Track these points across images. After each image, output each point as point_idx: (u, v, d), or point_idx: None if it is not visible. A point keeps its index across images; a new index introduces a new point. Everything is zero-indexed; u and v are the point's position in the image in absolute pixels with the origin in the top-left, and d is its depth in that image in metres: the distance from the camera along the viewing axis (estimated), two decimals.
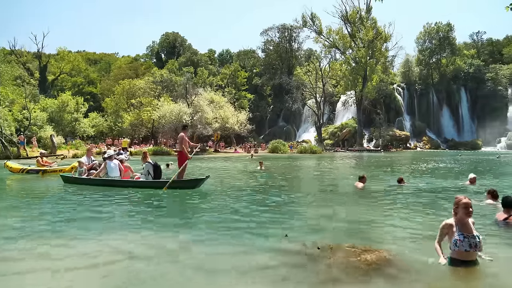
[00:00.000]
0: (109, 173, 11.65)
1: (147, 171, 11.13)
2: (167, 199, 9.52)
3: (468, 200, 4.27)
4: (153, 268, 4.30)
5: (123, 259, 4.62)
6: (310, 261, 4.54)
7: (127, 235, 5.76)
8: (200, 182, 11.12)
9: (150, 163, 11.23)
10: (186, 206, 8.66)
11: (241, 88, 70.57)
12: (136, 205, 8.64)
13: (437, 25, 76.04)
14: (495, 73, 74.60)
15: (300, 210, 8.10)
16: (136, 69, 73.81)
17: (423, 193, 10.46)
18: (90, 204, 8.57)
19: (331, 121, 74.47)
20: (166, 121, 40.77)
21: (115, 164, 11.81)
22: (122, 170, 11.92)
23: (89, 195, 9.67)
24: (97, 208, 8.04)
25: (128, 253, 4.83)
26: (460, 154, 41.69)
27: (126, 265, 4.42)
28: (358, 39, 60.07)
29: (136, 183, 11.23)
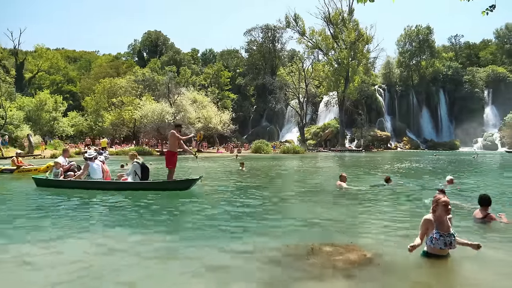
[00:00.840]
0: (92, 175, 10.76)
1: (134, 172, 10.52)
2: (153, 201, 8.99)
3: (447, 199, 4.42)
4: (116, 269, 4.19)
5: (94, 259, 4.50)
6: (292, 260, 4.52)
7: (108, 235, 5.61)
8: (193, 183, 10.73)
9: (138, 163, 10.66)
10: (173, 208, 8.49)
11: (224, 88, 70.35)
12: (118, 208, 8.34)
13: (417, 28, 77.67)
14: (472, 76, 76.77)
15: (281, 210, 8.08)
16: (117, 67, 72.62)
17: (402, 192, 10.62)
18: (69, 208, 8.29)
19: (314, 121, 75.06)
20: (148, 121, 40.19)
21: (98, 165, 10.99)
22: (105, 171, 11.19)
23: (67, 199, 9.06)
24: (75, 212, 7.81)
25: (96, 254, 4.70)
26: (435, 154, 42.77)
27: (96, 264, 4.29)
28: (341, 41, 60.74)
29: (124, 185, 10.42)
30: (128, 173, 10.80)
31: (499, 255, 4.80)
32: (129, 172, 10.77)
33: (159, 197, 9.40)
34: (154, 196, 9.47)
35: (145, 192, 9.92)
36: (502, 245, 5.24)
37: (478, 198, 6.65)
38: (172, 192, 10.04)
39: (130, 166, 10.93)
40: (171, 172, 10.91)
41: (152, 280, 4.00)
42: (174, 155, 10.94)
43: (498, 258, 4.69)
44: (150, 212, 7.69)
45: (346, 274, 4.06)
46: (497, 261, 4.57)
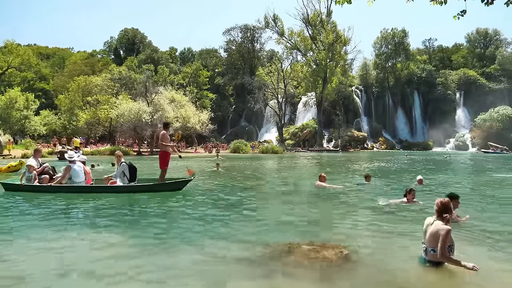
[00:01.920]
0: (74, 178, 9.92)
1: (122, 172, 10.12)
2: (145, 204, 8.65)
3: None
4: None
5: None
6: (270, 259, 4.53)
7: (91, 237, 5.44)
8: (185, 184, 10.59)
9: (126, 163, 10.29)
10: (161, 210, 8.31)
11: (203, 87, 69.85)
12: (115, 214, 8.03)
13: (393, 31, 79.56)
14: (444, 78, 79.32)
15: (260, 210, 8.08)
16: (92, 65, 70.91)
17: (378, 191, 10.82)
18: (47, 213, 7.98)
19: (292, 121, 75.64)
20: (124, 120, 39.38)
21: (80, 167, 10.17)
22: (87, 174, 10.44)
23: (48, 206, 8.34)
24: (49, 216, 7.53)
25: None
26: (406, 154, 43.95)
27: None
28: (319, 42, 61.42)
29: (115, 188, 9.90)
30: (116, 175, 10.29)
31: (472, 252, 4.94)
32: (117, 173, 10.28)
33: (150, 200, 9.09)
34: (146, 198, 9.22)
35: (136, 194, 9.61)
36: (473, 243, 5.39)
37: (446, 196, 6.82)
38: (164, 194, 9.80)
39: (117, 167, 10.43)
40: (163, 173, 10.74)
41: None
42: (167, 155, 10.82)
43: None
44: (144, 217, 7.51)
45: (323, 271, 4.12)
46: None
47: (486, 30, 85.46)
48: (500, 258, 4.65)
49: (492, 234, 5.86)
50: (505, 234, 5.94)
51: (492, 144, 60.37)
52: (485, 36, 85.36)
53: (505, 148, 59.97)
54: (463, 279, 3.93)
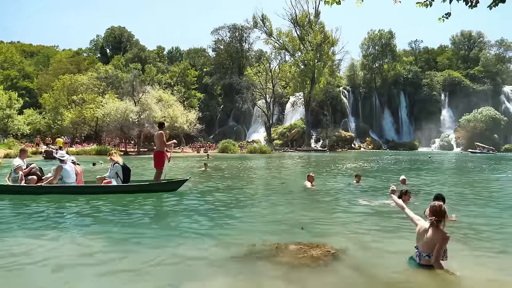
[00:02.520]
0: (66, 179, 9.61)
1: (115, 173, 9.95)
2: (139, 204, 8.51)
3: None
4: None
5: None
6: (257, 259, 4.54)
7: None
8: (181, 184, 10.48)
9: (119, 164, 10.11)
10: (143, 210, 8.22)
11: (191, 87, 69.46)
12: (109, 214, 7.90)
13: (380, 32, 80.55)
14: (430, 79, 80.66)
15: (249, 210, 8.06)
16: (78, 63, 69.82)
17: (368, 191, 10.91)
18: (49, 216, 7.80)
19: (281, 121, 75.88)
20: (111, 120, 38.87)
21: (71, 167, 9.87)
22: (78, 174, 10.13)
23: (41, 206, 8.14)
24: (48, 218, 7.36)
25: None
26: (390, 154, 44.52)
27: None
28: (307, 42, 61.74)
29: (109, 188, 9.67)
30: (111, 176, 10.02)
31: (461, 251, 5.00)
32: (111, 174, 10.02)
33: (145, 200, 8.96)
34: (141, 198, 9.05)
35: (131, 195, 9.39)
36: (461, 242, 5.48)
37: (434, 198, 6.88)
38: (154, 194, 9.65)
39: (111, 167, 10.18)
40: (159, 173, 10.61)
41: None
42: (162, 155, 10.72)
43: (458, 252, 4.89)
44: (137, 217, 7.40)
45: (310, 270, 4.14)
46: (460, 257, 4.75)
47: (470, 32, 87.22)
48: (488, 262, 4.70)
49: (478, 235, 5.96)
50: (490, 234, 6.05)
51: (479, 144, 61.56)
52: (469, 38, 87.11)
53: (492, 149, 61.26)
54: (452, 281, 3.95)
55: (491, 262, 4.60)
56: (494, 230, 6.27)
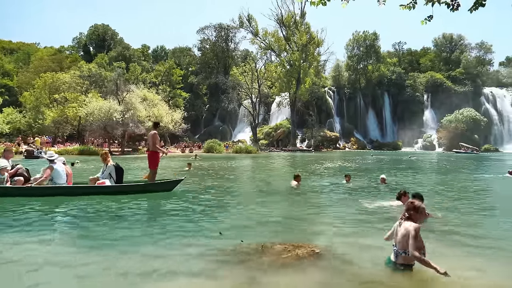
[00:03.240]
0: (56, 180, 9.27)
1: (109, 174, 9.79)
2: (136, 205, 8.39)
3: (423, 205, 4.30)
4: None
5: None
6: (243, 259, 4.55)
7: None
8: (176, 184, 10.41)
9: (113, 165, 9.96)
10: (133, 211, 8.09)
11: (176, 86, 68.90)
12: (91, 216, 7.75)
13: (364, 34, 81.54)
14: (413, 81, 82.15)
15: (234, 210, 8.04)
16: (60, 61, 68.32)
17: (355, 191, 11.01)
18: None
19: (266, 121, 76.04)
20: (94, 119, 38.19)
21: (62, 168, 9.52)
22: (69, 175, 9.77)
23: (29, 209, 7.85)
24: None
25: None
26: (372, 154, 45.08)
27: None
28: (293, 43, 62.03)
29: (104, 189, 9.47)
30: (104, 176, 9.80)
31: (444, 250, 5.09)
32: (105, 175, 9.81)
33: (133, 200, 8.78)
34: (131, 199, 8.89)
35: (124, 195, 9.22)
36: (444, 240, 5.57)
37: (411, 196, 6.95)
38: (143, 195, 9.51)
39: (104, 168, 9.97)
40: (153, 173, 10.50)
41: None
42: (156, 155, 10.63)
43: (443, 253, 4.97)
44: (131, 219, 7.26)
45: (295, 270, 4.17)
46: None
47: (451, 35, 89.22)
48: (466, 261, 4.78)
49: (455, 234, 6.07)
50: (467, 232, 6.17)
51: (463, 144, 62.98)
52: (450, 40, 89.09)
53: (476, 149, 62.80)
54: (431, 282, 3.97)
55: (469, 262, 4.69)
56: (471, 229, 6.40)
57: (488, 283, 4.04)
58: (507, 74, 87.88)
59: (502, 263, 4.67)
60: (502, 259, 4.80)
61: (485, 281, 4.09)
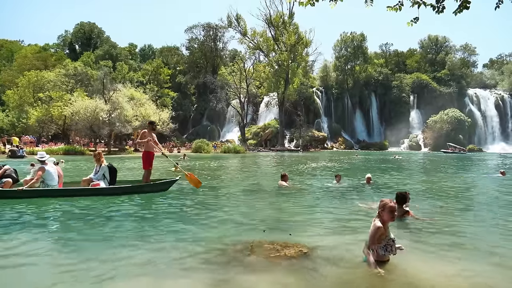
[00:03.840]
0: (48, 181, 8.98)
1: (103, 175, 9.58)
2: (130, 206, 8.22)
3: (394, 204, 4.39)
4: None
5: None
6: (231, 258, 4.55)
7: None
8: (171, 185, 10.28)
9: (107, 165, 9.72)
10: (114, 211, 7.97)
11: (164, 85, 68.45)
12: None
13: (352, 35, 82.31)
14: (400, 81, 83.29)
15: (222, 209, 8.00)
16: (45, 59, 67.29)
17: (343, 191, 11.07)
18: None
19: (255, 121, 76.09)
20: (80, 118, 37.66)
21: (53, 169, 9.25)
22: (60, 176, 9.48)
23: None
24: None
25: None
26: (356, 154, 45.42)
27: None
28: (281, 43, 62.23)
29: (98, 191, 9.23)
30: (98, 177, 9.57)
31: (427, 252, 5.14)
32: (98, 176, 9.58)
33: (123, 202, 8.60)
34: (122, 200, 8.73)
35: (119, 197, 9.01)
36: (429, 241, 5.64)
37: (395, 196, 6.89)
38: (143, 195, 9.37)
39: (97, 168, 9.73)
40: (148, 173, 10.33)
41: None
42: (150, 154, 10.45)
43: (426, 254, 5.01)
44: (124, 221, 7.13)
45: (282, 269, 4.18)
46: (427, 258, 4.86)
47: (437, 36, 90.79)
48: (439, 259, 4.82)
49: (432, 233, 6.14)
50: (445, 231, 6.25)
51: (451, 144, 64.09)
52: (436, 42, 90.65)
53: (463, 149, 63.98)
54: (404, 278, 4.05)
55: (442, 260, 4.72)
56: (449, 227, 6.48)
57: (462, 281, 4.09)
58: (491, 75, 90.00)
59: (481, 262, 4.72)
60: (480, 258, 4.85)
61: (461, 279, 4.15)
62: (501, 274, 4.24)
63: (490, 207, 8.71)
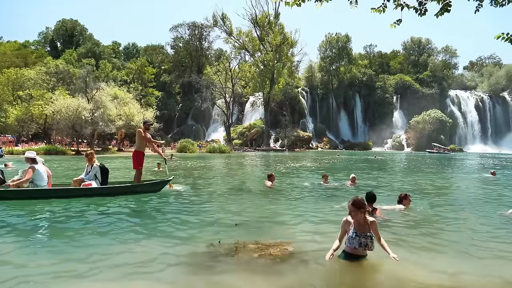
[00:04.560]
0: (37, 181, 8.73)
1: (94, 175, 9.36)
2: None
3: (357, 198, 4.51)
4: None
5: None
6: (216, 258, 4.53)
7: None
8: (164, 185, 10.13)
9: (98, 165, 9.50)
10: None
11: (148, 84, 67.69)
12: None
13: (337, 36, 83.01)
14: (383, 82, 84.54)
15: (207, 210, 7.95)
16: (25, 57, 65.67)
17: (331, 190, 11.13)
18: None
19: (240, 121, 76.01)
20: (61, 117, 36.88)
21: (43, 169, 8.99)
22: (49, 176, 9.21)
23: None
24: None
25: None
26: (338, 154, 45.81)
27: None
28: (267, 43, 62.31)
29: (89, 191, 9.03)
30: (90, 177, 9.32)
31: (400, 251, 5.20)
32: (90, 176, 9.34)
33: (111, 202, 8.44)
34: (110, 200, 8.57)
35: (110, 197, 8.83)
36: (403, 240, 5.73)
37: (365, 196, 7.11)
38: (134, 196, 9.26)
39: (89, 168, 9.49)
40: (139, 173, 10.18)
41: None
42: (141, 155, 10.31)
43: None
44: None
45: (267, 269, 4.19)
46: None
47: (419, 39, 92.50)
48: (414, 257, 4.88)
49: (405, 231, 6.24)
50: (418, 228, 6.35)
51: (436, 144, 65.37)
52: (419, 44, 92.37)
53: (447, 149, 65.31)
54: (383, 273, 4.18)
55: (416, 257, 4.80)
56: (421, 225, 6.60)
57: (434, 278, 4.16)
58: (471, 77, 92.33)
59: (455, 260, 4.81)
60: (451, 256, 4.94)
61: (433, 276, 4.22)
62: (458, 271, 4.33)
63: (473, 206, 8.87)
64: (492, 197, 10.60)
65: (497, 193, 11.57)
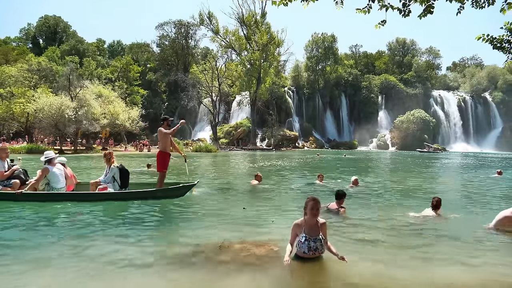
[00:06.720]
0: (53, 184, 8.29)
1: (112, 177, 8.76)
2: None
3: (313, 201, 4.54)
4: None
5: None
6: (202, 258, 4.54)
7: None
8: (189, 189, 9.43)
9: (117, 167, 8.92)
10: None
11: (134, 83, 66.85)
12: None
13: (323, 36, 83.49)
14: (369, 82, 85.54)
15: (191, 209, 7.91)
16: (5, 53, 64.12)
17: (323, 190, 11.19)
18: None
19: (227, 120, 75.75)
20: (44, 116, 36.11)
21: (60, 170, 8.47)
22: (69, 177, 8.74)
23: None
24: None
25: None
26: (318, 153, 46.09)
27: None
28: (253, 42, 62.23)
29: (107, 196, 8.44)
30: (107, 180, 8.76)
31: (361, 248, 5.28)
32: (107, 178, 8.78)
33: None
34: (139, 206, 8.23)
35: (130, 202, 8.34)
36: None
37: (335, 193, 7.56)
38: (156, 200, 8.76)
39: (107, 169, 8.97)
40: (162, 176, 9.49)
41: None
42: (167, 156, 9.61)
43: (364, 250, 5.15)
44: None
45: (252, 268, 4.21)
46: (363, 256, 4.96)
47: (404, 39, 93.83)
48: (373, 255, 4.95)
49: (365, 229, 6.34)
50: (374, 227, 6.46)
51: (427, 144, 66.43)
52: (403, 45, 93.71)
53: (438, 149, 66.41)
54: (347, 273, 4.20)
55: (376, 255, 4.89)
56: (382, 223, 6.72)
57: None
58: (454, 78, 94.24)
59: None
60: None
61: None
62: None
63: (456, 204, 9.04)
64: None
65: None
